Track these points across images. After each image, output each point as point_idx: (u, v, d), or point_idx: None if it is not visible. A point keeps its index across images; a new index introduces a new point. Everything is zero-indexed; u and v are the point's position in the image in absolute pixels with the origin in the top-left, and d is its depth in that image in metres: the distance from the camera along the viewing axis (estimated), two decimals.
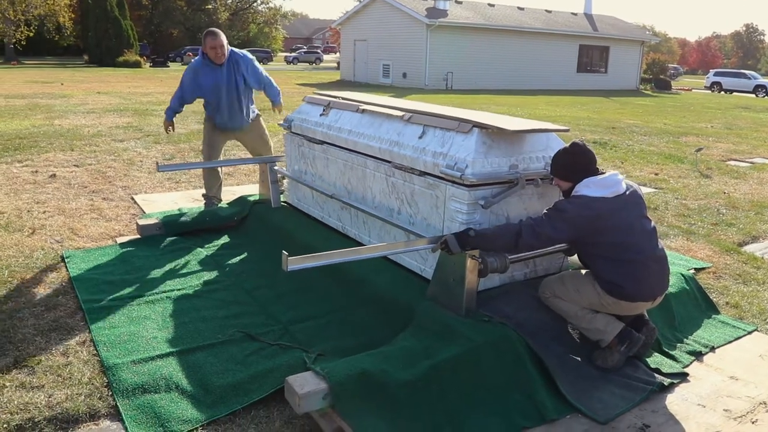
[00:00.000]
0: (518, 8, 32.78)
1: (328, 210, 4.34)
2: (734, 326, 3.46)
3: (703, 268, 4.41)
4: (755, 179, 8.01)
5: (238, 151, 8.00)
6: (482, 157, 3.04)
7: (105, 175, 6.81)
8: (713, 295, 3.88)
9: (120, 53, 35.61)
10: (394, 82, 28.99)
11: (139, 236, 4.64)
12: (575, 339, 3.03)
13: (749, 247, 5.03)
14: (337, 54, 45.74)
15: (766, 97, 31.61)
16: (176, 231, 4.68)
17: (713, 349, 3.19)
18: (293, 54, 57.69)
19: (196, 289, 3.75)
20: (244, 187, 6.45)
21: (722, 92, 35.34)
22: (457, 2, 30.50)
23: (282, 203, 4.97)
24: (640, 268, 2.79)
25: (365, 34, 30.54)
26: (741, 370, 3.00)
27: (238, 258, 4.28)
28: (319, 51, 60.67)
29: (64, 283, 3.80)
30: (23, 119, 11.02)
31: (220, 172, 5.46)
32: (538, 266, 3.38)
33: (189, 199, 5.88)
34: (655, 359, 2.99)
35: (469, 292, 2.90)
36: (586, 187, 2.82)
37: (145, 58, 39.23)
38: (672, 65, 51.58)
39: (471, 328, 2.78)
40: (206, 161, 5.32)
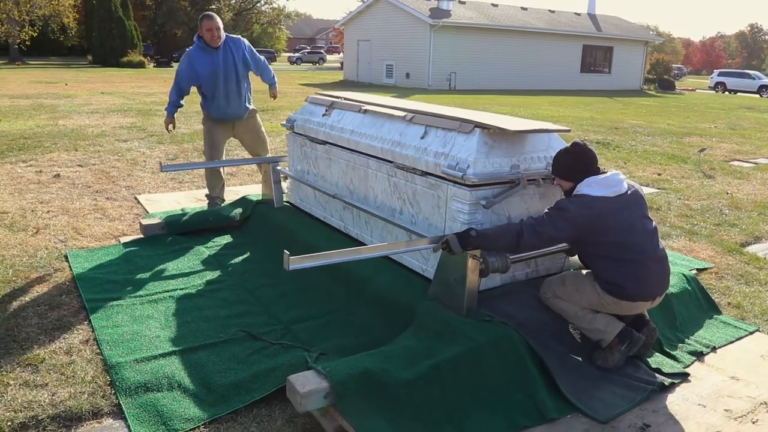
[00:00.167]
0: (521, 8, 32.77)
1: (331, 210, 4.35)
2: (736, 326, 3.46)
3: (705, 269, 4.41)
4: (758, 180, 7.99)
5: (240, 152, 8.01)
6: (484, 157, 3.05)
7: (109, 175, 6.84)
8: (715, 295, 3.87)
9: (124, 53, 35.71)
10: (397, 82, 29.00)
11: (142, 236, 4.66)
12: (576, 339, 3.03)
13: (752, 248, 5.02)
14: (341, 54, 45.75)
15: None
16: (179, 231, 4.70)
17: (714, 349, 3.19)
18: (297, 54, 57.86)
19: (198, 288, 3.77)
20: (247, 187, 6.48)
21: (726, 92, 35.27)
22: (461, 2, 30.50)
23: (284, 203, 4.99)
24: (641, 268, 2.79)
25: (368, 34, 30.57)
26: (742, 370, 3.00)
27: (240, 258, 4.29)
28: (322, 51, 60.77)
29: (67, 283, 3.83)
30: (27, 119, 11.06)
31: (222, 172, 5.48)
32: (540, 266, 3.39)
33: (192, 199, 5.90)
34: (656, 359, 3.00)
35: (470, 291, 2.91)
36: (587, 187, 2.82)
37: (148, 58, 39.34)
38: (676, 65, 51.54)
39: (472, 327, 2.79)
40: (209, 161, 5.35)
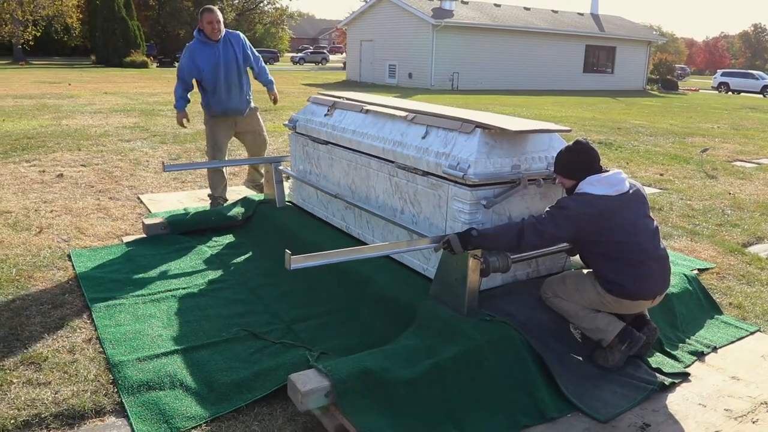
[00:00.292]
0: (524, 8, 32.76)
1: (333, 210, 4.36)
2: (737, 327, 3.46)
3: (706, 269, 4.41)
4: (761, 180, 7.98)
5: (243, 152, 8.01)
6: (484, 157, 3.06)
7: (111, 174, 6.86)
8: (716, 295, 3.88)
9: (127, 53, 35.78)
10: (399, 82, 29.01)
11: (144, 235, 4.68)
12: (577, 338, 3.04)
13: (754, 248, 5.02)
14: (344, 54, 45.78)
15: None
16: (181, 230, 4.72)
17: (715, 349, 3.19)
18: (299, 54, 57.87)
19: (200, 287, 3.79)
20: None
21: (729, 92, 35.20)
22: (463, 2, 30.51)
23: (287, 203, 5.00)
24: (642, 268, 2.80)
25: (371, 34, 30.58)
26: (743, 370, 3.00)
27: (242, 257, 4.31)
28: (325, 51, 60.82)
29: (70, 282, 3.85)
30: (31, 119, 11.10)
31: (225, 172, 5.51)
32: (541, 266, 3.40)
33: (194, 199, 5.92)
34: (657, 359, 3.00)
35: (471, 291, 2.92)
36: (589, 185, 2.83)
37: (152, 58, 39.40)
38: (679, 65, 51.46)
39: (473, 327, 2.80)
40: (211, 161, 5.37)
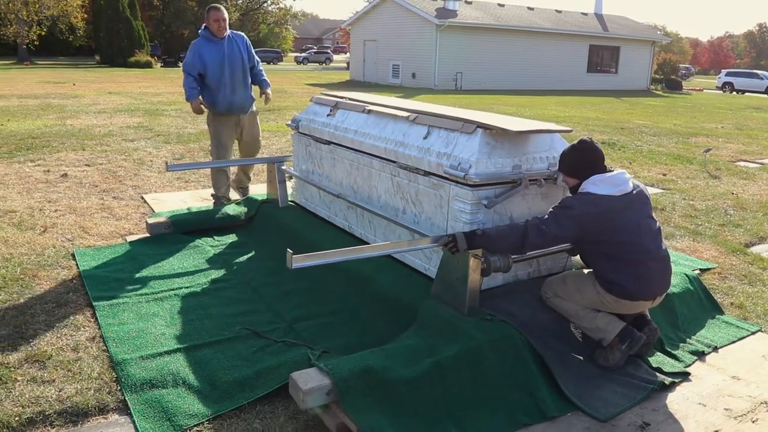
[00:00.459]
0: (528, 8, 32.72)
1: (335, 209, 4.38)
2: (738, 326, 3.47)
3: (708, 269, 4.41)
4: (765, 180, 7.97)
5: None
6: (486, 157, 3.07)
7: (115, 174, 6.89)
8: (718, 295, 3.88)
9: (131, 53, 35.87)
10: (403, 82, 29.02)
11: (148, 235, 4.70)
12: (577, 338, 3.05)
13: (756, 248, 5.02)
14: (347, 54, 45.82)
15: None
16: (185, 230, 4.74)
17: (716, 349, 3.20)
18: (303, 54, 57.91)
19: (203, 286, 3.81)
20: (252, 186, 6.50)
21: (734, 92, 35.10)
22: (467, 2, 30.50)
23: (289, 203, 5.02)
24: (643, 268, 2.80)
25: (375, 34, 30.60)
26: (743, 370, 3.01)
27: (245, 256, 4.33)
28: (329, 51, 60.87)
29: (74, 281, 3.87)
30: (36, 119, 11.15)
31: (228, 171, 5.53)
32: (542, 265, 3.41)
33: (198, 199, 5.94)
34: (657, 358, 3.01)
35: (472, 290, 2.93)
36: (593, 185, 2.83)
37: (156, 58, 39.47)
38: (683, 65, 51.31)
39: (474, 326, 2.81)
40: (215, 161, 5.40)
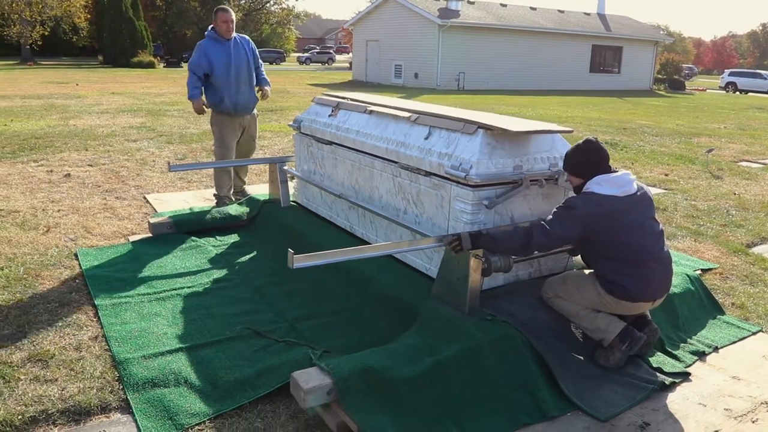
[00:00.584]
0: (531, 8, 32.70)
1: (337, 210, 4.39)
2: (739, 327, 3.47)
3: (710, 269, 4.41)
4: (767, 180, 7.96)
5: None
6: (487, 157, 3.08)
7: (118, 174, 6.91)
8: (719, 295, 3.88)
9: (134, 54, 35.95)
10: (405, 82, 29.03)
11: (150, 235, 4.72)
12: (578, 338, 3.06)
13: (757, 249, 5.02)
14: (350, 54, 45.81)
15: None
16: (187, 230, 4.76)
17: (717, 349, 3.20)
18: (306, 54, 57.98)
19: (205, 286, 3.82)
20: (255, 186, 6.52)
21: (737, 92, 35.02)
22: (470, 2, 30.48)
23: (291, 203, 5.03)
24: (645, 270, 2.81)
25: (377, 34, 30.61)
26: (744, 370, 3.01)
27: (247, 256, 4.34)
28: (331, 51, 60.87)
29: (77, 280, 3.89)
30: (39, 119, 11.19)
31: (231, 171, 5.55)
32: (543, 266, 3.41)
33: (200, 199, 5.96)
34: (658, 359, 3.01)
35: (472, 290, 2.94)
36: (597, 185, 2.84)
37: (158, 58, 39.57)
38: (686, 65, 51.24)
39: (474, 326, 2.82)
40: (218, 161, 5.41)
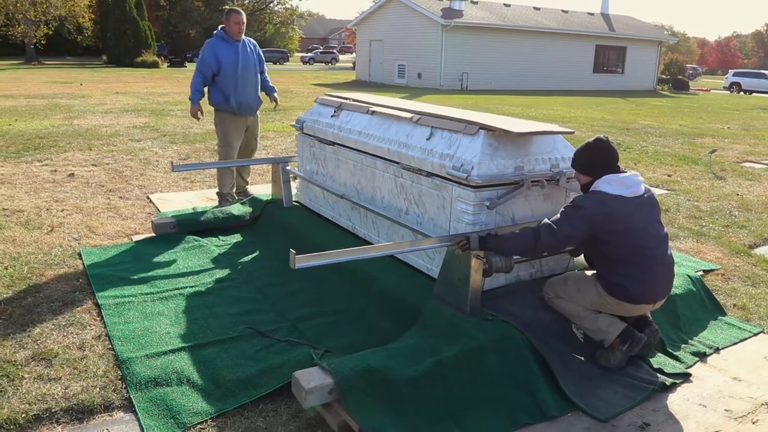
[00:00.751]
0: (534, 8, 32.67)
1: (339, 210, 4.41)
2: (740, 328, 3.47)
3: (711, 270, 4.41)
4: None
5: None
6: (488, 158, 3.09)
7: (122, 174, 6.94)
8: (721, 296, 3.88)
9: (138, 53, 36.01)
10: (409, 82, 29.03)
11: (154, 234, 4.74)
12: (579, 338, 3.06)
13: (760, 250, 5.01)
14: (353, 54, 45.85)
15: None
16: (190, 229, 4.77)
17: (718, 350, 3.21)
18: (309, 54, 58.02)
19: (208, 286, 3.84)
20: (258, 186, 6.54)
21: (741, 93, 34.92)
22: (473, 2, 30.47)
23: (294, 203, 5.05)
24: (648, 272, 2.81)
25: (381, 34, 30.62)
26: (745, 371, 3.01)
27: (249, 256, 4.36)
28: (335, 51, 60.92)
29: (81, 280, 3.91)
30: (43, 119, 11.23)
31: (234, 171, 5.57)
32: (544, 266, 3.42)
33: (203, 199, 5.98)
34: (659, 359, 3.02)
35: (474, 291, 2.95)
36: (606, 184, 2.84)
37: (162, 58, 39.63)
38: (690, 65, 51.08)
39: (475, 326, 2.83)
40: (222, 160, 5.43)
